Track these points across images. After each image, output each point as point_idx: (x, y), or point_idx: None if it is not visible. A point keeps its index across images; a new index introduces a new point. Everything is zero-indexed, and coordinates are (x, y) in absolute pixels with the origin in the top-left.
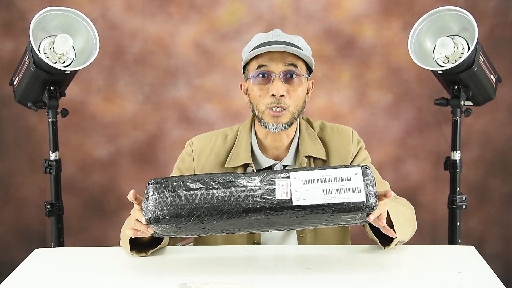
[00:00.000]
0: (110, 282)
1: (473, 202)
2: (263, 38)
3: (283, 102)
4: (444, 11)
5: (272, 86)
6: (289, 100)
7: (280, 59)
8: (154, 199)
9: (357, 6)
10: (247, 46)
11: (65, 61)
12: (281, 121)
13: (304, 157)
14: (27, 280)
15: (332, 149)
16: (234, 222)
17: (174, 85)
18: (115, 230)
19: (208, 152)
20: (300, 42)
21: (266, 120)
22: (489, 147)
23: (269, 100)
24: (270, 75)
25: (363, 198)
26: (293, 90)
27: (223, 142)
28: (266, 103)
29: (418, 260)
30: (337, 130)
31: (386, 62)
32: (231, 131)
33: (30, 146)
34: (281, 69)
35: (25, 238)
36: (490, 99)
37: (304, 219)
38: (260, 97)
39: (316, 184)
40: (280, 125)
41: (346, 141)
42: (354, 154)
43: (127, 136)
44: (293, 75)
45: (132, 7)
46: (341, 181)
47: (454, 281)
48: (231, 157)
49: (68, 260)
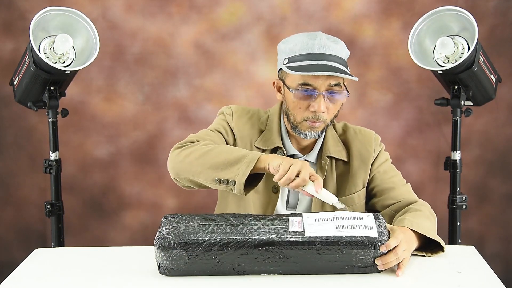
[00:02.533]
0: (110, 282)
1: (473, 202)
2: (309, 47)
3: (321, 118)
4: (444, 11)
5: (314, 103)
6: (328, 115)
7: (325, 79)
8: (167, 229)
9: (357, 6)
10: (288, 48)
11: (65, 61)
12: (317, 130)
13: (326, 157)
14: (27, 280)
15: (354, 151)
16: (246, 253)
17: (174, 85)
18: (115, 230)
19: (245, 120)
20: (343, 51)
21: (302, 129)
22: (489, 147)
23: (309, 115)
24: (313, 92)
25: (375, 234)
26: (334, 106)
27: (257, 121)
28: (305, 116)
29: (418, 260)
30: (360, 132)
31: (386, 62)
32: (264, 113)
33: (30, 146)
34: (325, 88)
35: (25, 238)
36: (490, 99)
37: (317, 252)
38: (300, 109)
39: (329, 221)
40: (315, 133)
41: (368, 143)
42: (375, 156)
43: (127, 136)
44: (336, 94)
45: (132, 7)
46: (353, 220)
47: (454, 281)
48: (262, 138)
49: (68, 260)
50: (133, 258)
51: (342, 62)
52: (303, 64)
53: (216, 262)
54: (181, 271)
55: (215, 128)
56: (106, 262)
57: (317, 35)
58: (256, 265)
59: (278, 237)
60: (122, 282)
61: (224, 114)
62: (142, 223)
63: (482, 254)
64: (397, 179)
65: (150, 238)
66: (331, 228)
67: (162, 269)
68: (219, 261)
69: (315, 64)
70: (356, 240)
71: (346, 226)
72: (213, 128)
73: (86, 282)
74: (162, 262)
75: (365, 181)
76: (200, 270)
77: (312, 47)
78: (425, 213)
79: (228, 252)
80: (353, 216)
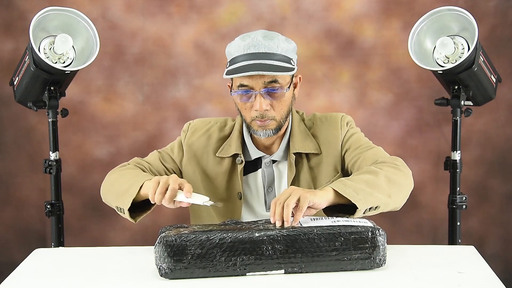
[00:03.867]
0: (110, 282)
1: (473, 202)
2: (241, 49)
3: (267, 116)
4: (444, 11)
5: (255, 103)
6: (273, 112)
7: (259, 77)
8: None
9: (357, 6)
10: (228, 52)
11: (65, 61)
12: (269, 128)
13: (293, 154)
14: (27, 280)
15: (322, 140)
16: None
17: (174, 85)
18: (115, 230)
19: (201, 133)
20: (280, 45)
21: (254, 128)
22: (489, 147)
23: (254, 114)
24: (250, 91)
25: (371, 225)
26: (276, 102)
27: (219, 129)
28: (252, 116)
29: (418, 260)
30: (326, 119)
31: (386, 62)
32: (231, 121)
33: (30, 146)
34: (261, 86)
35: (25, 238)
36: (490, 99)
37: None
38: (246, 110)
39: (324, 220)
40: (268, 131)
41: (334, 128)
42: (343, 136)
43: (127, 136)
44: (274, 90)
45: (132, 7)
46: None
47: (454, 281)
48: (224, 147)
49: (68, 260)
50: (133, 258)
51: (280, 57)
52: (236, 66)
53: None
54: (181, 273)
55: (164, 149)
56: (106, 262)
57: (250, 35)
58: (258, 263)
59: (278, 231)
60: (122, 282)
61: (181, 132)
62: (142, 223)
63: (482, 254)
64: (364, 147)
65: (150, 238)
66: (327, 222)
67: (162, 271)
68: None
69: (246, 64)
70: (353, 227)
71: (342, 222)
72: (163, 149)
73: (86, 282)
74: (162, 264)
75: (337, 165)
76: (200, 272)
77: (244, 48)
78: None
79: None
80: (348, 220)
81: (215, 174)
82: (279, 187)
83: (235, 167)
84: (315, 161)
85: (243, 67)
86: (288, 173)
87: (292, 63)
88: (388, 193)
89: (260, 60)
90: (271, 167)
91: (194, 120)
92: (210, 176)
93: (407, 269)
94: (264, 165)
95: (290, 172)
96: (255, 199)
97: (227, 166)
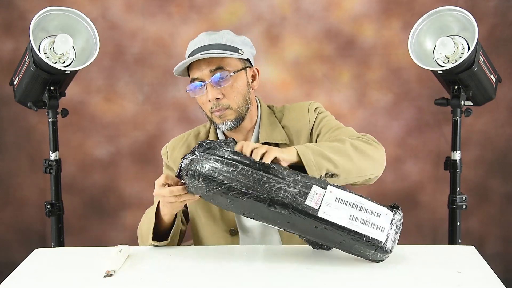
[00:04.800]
0: (110, 282)
1: (473, 202)
2: (190, 48)
3: (221, 105)
4: (444, 11)
5: (207, 94)
6: (227, 100)
7: (205, 67)
8: (198, 155)
9: (357, 6)
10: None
11: (65, 61)
12: (228, 119)
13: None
14: (27, 280)
15: (291, 129)
16: (259, 207)
17: (174, 85)
18: (115, 230)
19: (179, 148)
20: (225, 37)
21: (216, 121)
22: (489, 147)
23: (209, 106)
24: (200, 83)
25: (383, 238)
26: (227, 90)
27: (195, 138)
28: (209, 109)
29: (418, 260)
30: (294, 108)
31: (386, 62)
32: (204, 127)
33: (30, 146)
34: (209, 75)
35: (25, 238)
36: (490, 99)
37: (322, 233)
38: (204, 104)
39: (347, 206)
40: (228, 123)
41: (302, 115)
42: (311, 123)
43: (127, 136)
44: (222, 78)
45: (132, 7)
46: (370, 215)
47: (454, 281)
48: None
49: (68, 260)
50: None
51: (220, 47)
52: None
53: (230, 205)
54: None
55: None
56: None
57: (199, 36)
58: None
59: (292, 205)
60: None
61: (162, 157)
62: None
63: (482, 254)
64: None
65: None
66: (344, 217)
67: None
68: (233, 205)
69: (183, 62)
70: (362, 238)
71: (360, 220)
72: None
73: (86, 282)
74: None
75: None
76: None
77: (191, 47)
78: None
79: (242, 201)
80: (372, 211)
81: None
82: None
83: None
84: None
85: (182, 62)
86: None
87: (240, 52)
88: (351, 158)
89: (203, 51)
90: None
91: (168, 144)
92: None
93: (407, 269)
94: None
95: None
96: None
97: None
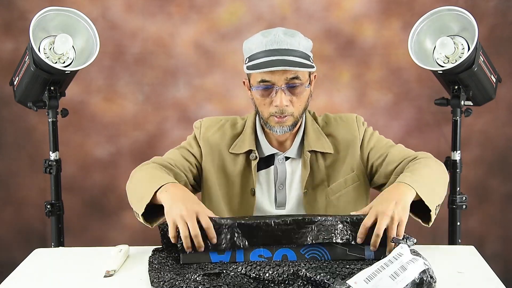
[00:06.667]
0: (110, 282)
1: (473, 202)
2: (263, 44)
3: (286, 111)
4: (444, 11)
5: (276, 98)
6: (292, 108)
7: (281, 73)
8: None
9: (357, 6)
10: (247, 47)
11: (65, 61)
12: (286, 125)
13: (308, 151)
14: (27, 280)
15: (339, 139)
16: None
17: (174, 85)
18: (115, 230)
19: (215, 129)
20: (301, 43)
21: (271, 124)
22: (489, 147)
23: (273, 110)
24: (272, 87)
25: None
26: (296, 99)
27: (231, 127)
28: (271, 112)
29: None
30: (341, 119)
31: (386, 62)
32: (241, 119)
33: (30, 146)
34: (283, 82)
35: (25, 238)
36: (490, 99)
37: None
38: (265, 106)
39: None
40: (284, 128)
41: (352, 127)
42: (361, 137)
43: (127, 136)
44: (295, 86)
45: (132, 7)
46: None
47: (454, 281)
48: (237, 143)
49: (68, 260)
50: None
51: (301, 54)
52: (258, 62)
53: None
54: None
55: (181, 146)
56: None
57: (272, 32)
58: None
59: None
60: (122, 282)
61: (194, 129)
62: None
63: (482, 254)
64: (388, 145)
65: (150, 238)
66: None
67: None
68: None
69: (269, 60)
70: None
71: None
72: (180, 146)
73: (86, 282)
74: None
75: (353, 165)
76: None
77: (267, 44)
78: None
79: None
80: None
81: (230, 170)
82: (291, 185)
83: (249, 163)
84: (330, 160)
85: (266, 62)
86: (303, 171)
87: (311, 60)
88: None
89: (283, 56)
90: (283, 164)
91: (203, 119)
92: (225, 172)
93: None
94: (277, 161)
95: (305, 170)
96: (265, 196)
97: (241, 163)
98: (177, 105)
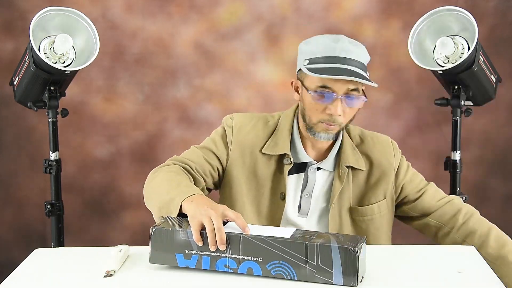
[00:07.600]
0: (110, 282)
1: (473, 202)
2: (330, 50)
3: (337, 121)
4: (444, 11)
5: (331, 106)
6: (343, 119)
7: (344, 82)
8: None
9: (357, 6)
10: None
11: (65, 61)
12: (332, 133)
13: (345, 166)
14: (27, 280)
15: (374, 160)
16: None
17: (174, 85)
18: (115, 230)
19: (248, 129)
20: (365, 55)
21: (317, 130)
22: (489, 147)
23: (325, 117)
24: (331, 95)
25: None
26: (350, 110)
27: (263, 126)
28: (321, 118)
29: (418, 260)
30: (377, 140)
31: (386, 62)
32: (272, 117)
33: (30, 146)
34: (344, 92)
35: (25, 238)
36: (490, 99)
37: None
38: (317, 111)
39: None
40: (330, 135)
41: (388, 153)
42: (397, 166)
43: (127, 136)
44: (354, 98)
45: (132, 7)
46: None
47: (454, 281)
48: (270, 144)
49: (68, 260)
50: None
51: (362, 67)
52: (323, 67)
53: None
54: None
55: (205, 145)
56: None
57: (340, 38)
58: None
59: None
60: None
61: (224, 126)
62: (142, 223)
63: None
64: (423, 182)
65: None
66: None
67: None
68: None
69: (335, 67)
70: None
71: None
72: (203, 145)
73: (86, 282)
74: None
75: (386, 192)
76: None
77: (334, 50)
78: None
79: None
80: None
81: (260, 172)
82: (318, 196)
83: (281, 166)
84: (361, 178)
85: (333, 69)
86: (337, 185)
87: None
88: None
89: (350, 66)
90: (314, 174)
91: (234, 115)
92: (255, 173)
93: (407, 269)
94: (309, 170)
95: (340, 184)
96: (290, 202)
97: (274, 165)
98: (177, 105)
